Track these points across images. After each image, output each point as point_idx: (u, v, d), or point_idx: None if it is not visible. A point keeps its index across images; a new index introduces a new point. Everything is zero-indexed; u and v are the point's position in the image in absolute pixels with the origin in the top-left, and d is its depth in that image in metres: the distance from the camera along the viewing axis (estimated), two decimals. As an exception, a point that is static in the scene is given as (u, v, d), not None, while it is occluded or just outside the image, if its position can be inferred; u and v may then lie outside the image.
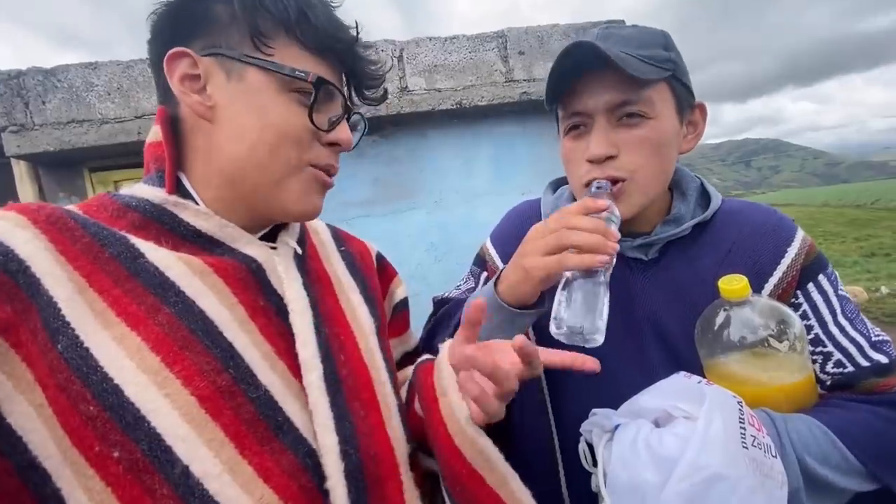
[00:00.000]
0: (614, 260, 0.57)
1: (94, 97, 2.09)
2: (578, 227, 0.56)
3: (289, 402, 0.48)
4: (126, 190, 0.51)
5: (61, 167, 2.26)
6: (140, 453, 0.39)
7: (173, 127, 0.51)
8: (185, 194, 0.51)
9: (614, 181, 0.64)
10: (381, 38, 2.27)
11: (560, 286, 0.59)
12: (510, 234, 0.79)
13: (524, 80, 2.29)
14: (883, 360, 0.62)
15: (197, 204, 0.50)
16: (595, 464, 0.52)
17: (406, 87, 2.22)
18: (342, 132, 0.53)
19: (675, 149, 0.67)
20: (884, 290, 7.75)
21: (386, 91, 0.60)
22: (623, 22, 2.31)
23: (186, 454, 0.40)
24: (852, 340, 0.64)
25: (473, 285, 0.84)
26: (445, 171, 2.42)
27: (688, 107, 0.67)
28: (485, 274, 0.82)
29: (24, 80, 2.06)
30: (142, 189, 0.50)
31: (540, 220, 0.77)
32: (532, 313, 0.64)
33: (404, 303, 0.75)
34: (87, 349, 0.40)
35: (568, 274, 0.58)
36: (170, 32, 0.49)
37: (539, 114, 2.40)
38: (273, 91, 0.48)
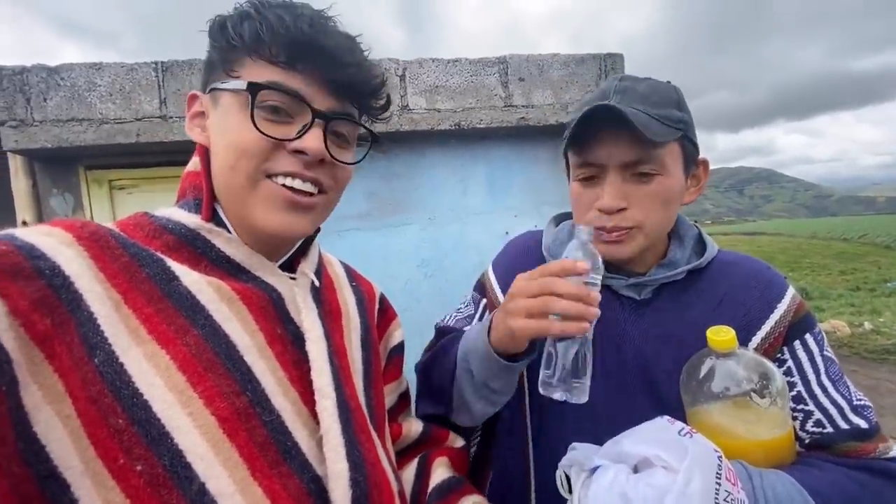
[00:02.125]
0: (598, 314, 0.58)
1: (95, 97, 2.10)
2: (560, 293, 0.57)
3: (298, 429, 0.49)
4: (162, 212, 0.54)
5: (57, 163, 2.26)
6: (161, 468, 0.40)
7: (210, 160, 0.56)
8: (219, 222, 0.54)
9: (621, 230, 0.67)
10: (385, 56, 2.31)
11: (547, 343, 0.61)
12: (511, 265, 0.82)
13: (522, 106, 2.34)
14: (863, 424, 0.64)
15: (229, 232, 0.53)
16: (570, 491, 0.53)
17: (407, 105, 2.26)
18: (307, 140, 0.51)
19: (678, 202, 0.70)
20: (867, 325, 7.84)
21: (388, 99, 0.59)
22: (622, 57, 2.38)
23: (204, 472, 0.42)
24: (834, 402, 0.65)
25: (473, 311, 0.86)
26: (440, 189, 2.45)
27: (693, 163, 0.70)
28: (484, 301, 0.85)
29: (27, 76, 2.07)
30: (178, 213, 0.53)
31: (541, 252, 0.80)
32: (523, 362, 0.66)
33: (400, 347, 0.77)
34: (121, 364, 0.42)
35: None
36: (200, 80, 0.57)
37: (535, 139, 2.45)
38: (236, 110, 0.51)
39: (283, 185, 0.51)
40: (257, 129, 0.49)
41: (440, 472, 0.69)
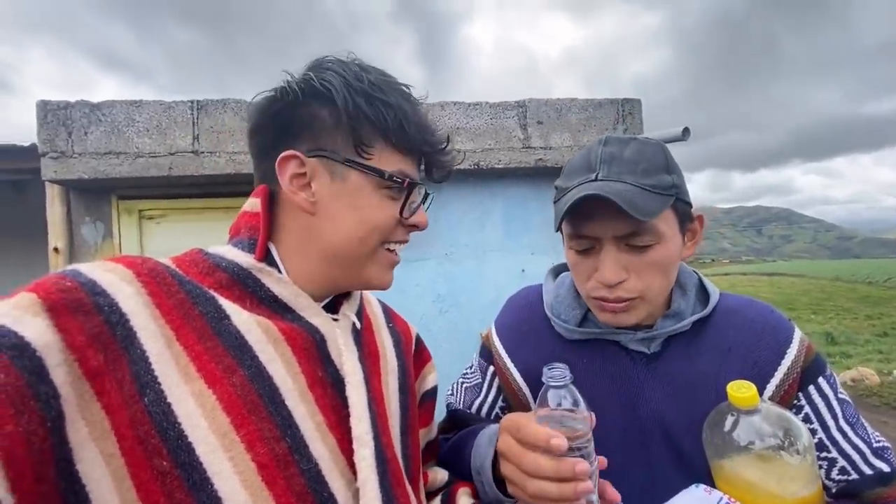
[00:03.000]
0: (588, 489, 0.53)
1: (133, 132, 2.21)
2: (546, 476, 0.53)
3: (335, 479, 0.49)
4: (216, 249, 0.55)
5: (91, 193, 2.36)
6: None
7: (270, 202, 0.57)
8: (271, 262, 0.55)
9: (623, 301, 0.66)
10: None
11: None
12: (515, 326, 0.81)
13: (540, 148, 2.39)
14: (885, 468, 0.63)
15: (280, 272, 0.55)
16: None
17: (427, 144, 2.33)
18: (420, 216, 0.59)
19: (677, 262, 0.69)
20: (897, 374, 7.50)
21: (451, 172, 0.63)
22: (639, 102, 2.42)
23: None
24: (854, 447, 0.65)
25: (480, 380, 0.84)
26: (458, 225, 2.48)
27: (688, 220, 0.70)
28: (492, 368, 0.82)
29: (71, 111, 2.20)
30: (232, 252, 0.54)
31: (542, 307, 0.79)
32: None
33: (433, 392, 0.76)
34: (169, 404, 0.42)
35: None
36: (277, 131, 0.55)
37: (553, 178, 2.48)
38: (369, 190, 0.54)
39: (388, 250, 0.58)
40: (402, 216, 0.56)
41: (463, 500, 0.68)
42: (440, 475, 0.72)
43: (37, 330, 0.38)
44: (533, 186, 2.51)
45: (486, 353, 0.84)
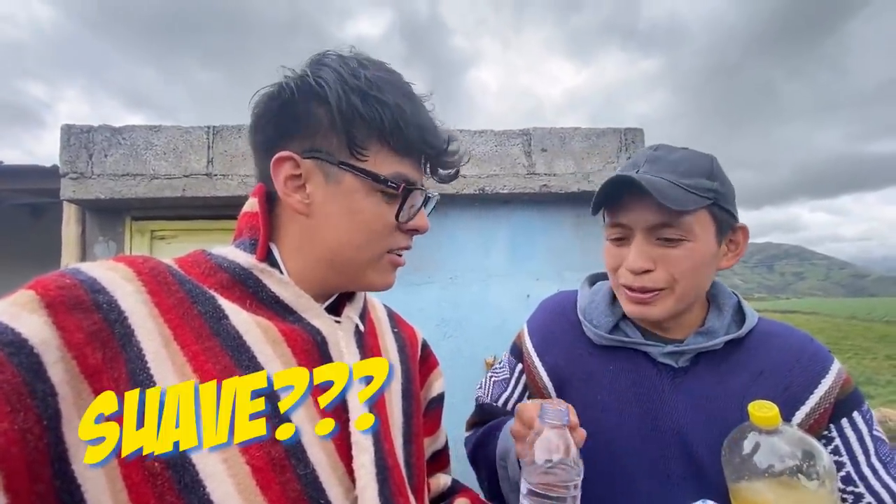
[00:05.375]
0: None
1: (151, 155, 2.30)
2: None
3: (332, 485, 0.47)
4: (218, 250, 0.54)
5: (106, 213, 2.43)
6: None
7: (269, 201, 0.56)
8: (273, 262, 0.54)
9: (648, 290, 0.67)
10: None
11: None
12: (547, 328, 0.83)
13: (545, 174, 2.43)
14: None
15: (281, 273, 0.53)
16: None
17: (434, 170, 2.38)
18: (421, 220, 0.57)
19: (711, 267, 0.69)
20: (921, 416, 7.18)
21: (458, 172, 0.61)
22: (642, 131, 2.48)
23: None
24: (885, 485, 0.63)
25: (508, 375, 0.86)
26: (463, 250, 2.50)
27: (728, 229, 0.70)
28: (520, 366, 0.84)
29: (93, 134, 2.29)
30: (234, 252, 0.53)
31: (575, 312, 0.80)
32: None
33: (440, 399, 0.74)
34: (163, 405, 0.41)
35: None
36: (274, 128, 0.53)
37: (557, 204, 2.51)
38: (364, 193, 0.52)
39: (391, 253, 0.57)
40: (398, 221, 0.54)
41: (442, 480, 0.67)
42: (442, 481, 0.71)
43: (34, 327, 0.37)
44: (537, 212, 2.53)
45: (517, 351, 0.86)
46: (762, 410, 0.57)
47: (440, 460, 0.74)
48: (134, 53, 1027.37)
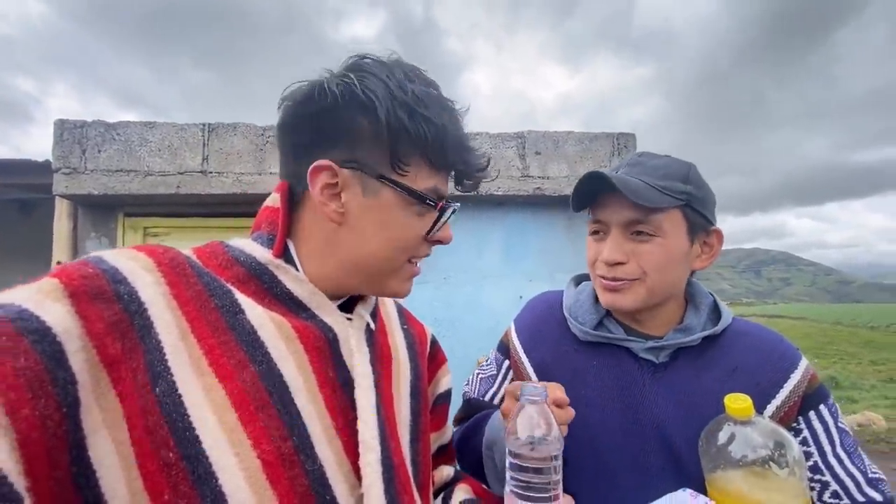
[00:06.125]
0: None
1: (145, 152, 2.29)
2: None
3: (338, 482, 0.48)
4: (236, 242, 0.54)
5: (99, 209, 2.42)
6: None
7: (292, 199, 0.56)
8: (289, 259, 0.54)
9: (620, 280, 0.72)
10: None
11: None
12: (534, 325, 0.85)
13: (539, 177, 2.46)
14: (877, 497, 0.65)
15: (297, 269, 0.54)
16: None
17: (429, 171, 2.40)
18: (446, 231, 0.57)
19: (683, 265, 0.73)
20: (904, 420, 7.31)
21: (480, 183, 0.61)
22: (634, 136, 2.52)
23: None
24: (849, 474, 0.67)
25: (495, 371, 0.88)
26: (456, 251, 2.52)
27: (701, 230, 0.74)
28: (507, 362, 0.86)
29: (87, 130, 2.28)
30: (251, 246, 0.53)
31: (561, 311, 0.83)
32: None
33: (447, 395, 0.75)
34: (179, 395, 0.42)
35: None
36: (312, 134, 0.52)
37: (550, 207, 2.54)
38: (400, 208, 0.52)
39: (410, 262, 0.57)
40: (426, 239, 0.54)
41: (459, 494, 0.68)
42: (445, 472, 0.72)
43: (58, 315, 0.38)
44: (531, 214, 2.56)
45: (504, 348, 0.89)
46: (737, 402, 0.60)
47: (446, 454, 0.75)
48: (126, 50, 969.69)
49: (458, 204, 0.58)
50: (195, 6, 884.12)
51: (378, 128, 0.49)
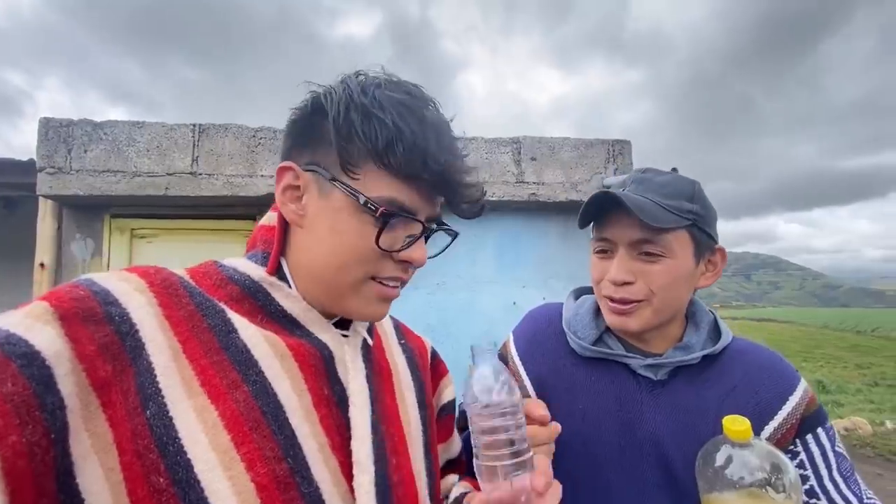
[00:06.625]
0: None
1: (133, 152, 2.24)
2: (541, 443, 0.60)
3: None
4: (230, 262, 0.54)
5: (84, 210, 2.36)
6: None
7: (290, 231, 0.55)
8: (282, 277, 0.54)
9: (628, 302, 0.70)
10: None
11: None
12: (532, 336, 0.85)
13: (534, 183, 2.44)
14: None
15: (290, 287, 0.54)
16: None
17: (423, 175, 2.38)
18: (414, 252, 0.52)
19: (688, 284, 0.73)
20: (889, 424, 7.44)
21: (483, 208, 0.57)
22: (629, 143, 2.51)
23: None
24: (845, 499, 0.67)
25: None
26: (450, 256, 2.49)
27: (707, 249, 0.73)
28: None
29: (72, 129, 2.23)
30: (245, 264, 0.53)
31: (560, 324, 0.82)
32: None
33: (451, 406, 0.74)
34: (171, 418, 0.41)
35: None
36: (287, 140, 0.55)
37: (545, 213, 2.53)
38: (350, 212, 0.50)
39: (382, 283, 0.53)
40: (379, 246, 0.50)
41: (458, 489, 0.67)
42: (450, 480, 0.71)
43: (47, 338, 0.38)
44: (525, 220, 2.55)
45: (502, 359, 0.87)
46: (735, 424, 0.60)
47: (457, 467, 0.74)
48: (117, 46, 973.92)
49: (437, 229, 0.56)
50: (189, 2, 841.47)
51: (324, 122, 0.51)
